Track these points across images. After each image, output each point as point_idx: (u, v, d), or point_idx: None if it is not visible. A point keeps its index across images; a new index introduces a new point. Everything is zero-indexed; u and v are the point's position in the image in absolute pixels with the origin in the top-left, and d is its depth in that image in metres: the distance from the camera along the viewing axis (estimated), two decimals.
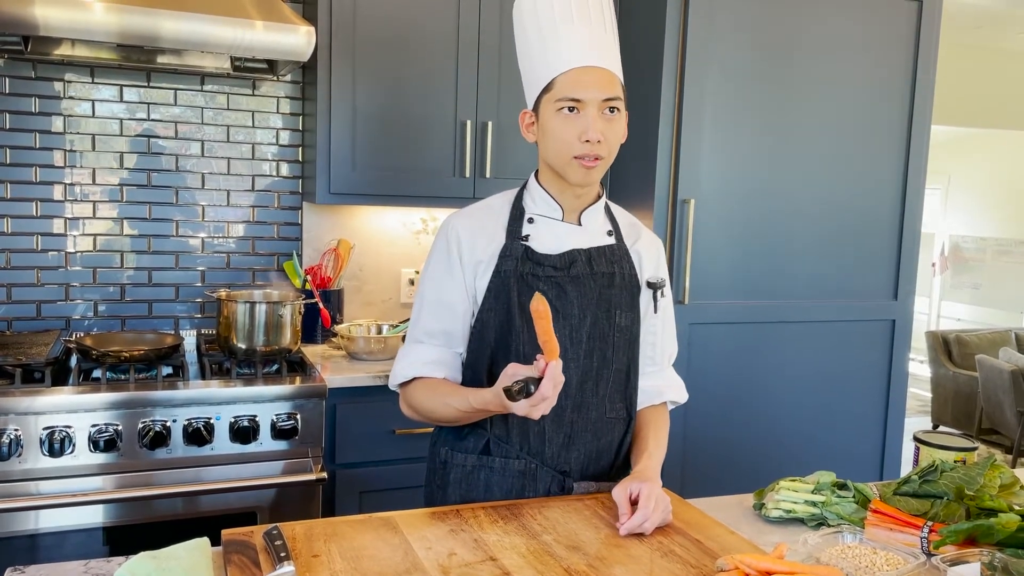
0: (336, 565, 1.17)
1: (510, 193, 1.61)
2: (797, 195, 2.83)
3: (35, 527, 2.05)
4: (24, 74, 2.58)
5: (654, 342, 1.64)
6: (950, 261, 9.22)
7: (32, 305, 2.66)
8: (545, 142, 1.50)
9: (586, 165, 1.46)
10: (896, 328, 3.01)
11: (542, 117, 1.49)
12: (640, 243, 1.62)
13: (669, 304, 1.68)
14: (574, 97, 1.43)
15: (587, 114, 1.44)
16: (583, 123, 1.43)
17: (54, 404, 2.06)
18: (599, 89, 1.44)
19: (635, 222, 1.67)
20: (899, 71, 2.91)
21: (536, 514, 1.39)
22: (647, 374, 1.64)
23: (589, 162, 1.45)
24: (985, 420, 6.10)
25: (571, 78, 1.44)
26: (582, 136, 1.43)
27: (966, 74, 6.25)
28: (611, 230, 1.59)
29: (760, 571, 1.15)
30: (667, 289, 1.66)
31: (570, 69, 1.44)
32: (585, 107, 1.44)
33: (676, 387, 1.69)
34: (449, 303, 1.53)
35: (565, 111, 1.44)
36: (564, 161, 1.47)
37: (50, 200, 2.65)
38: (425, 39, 2.66)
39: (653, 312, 1.62)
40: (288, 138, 2.88)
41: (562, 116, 1.45)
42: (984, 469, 1.39)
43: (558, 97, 1.44)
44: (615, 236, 1.59)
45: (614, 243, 1.58)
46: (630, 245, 1.61)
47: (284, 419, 2.25)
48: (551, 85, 1.46)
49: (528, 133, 1.54)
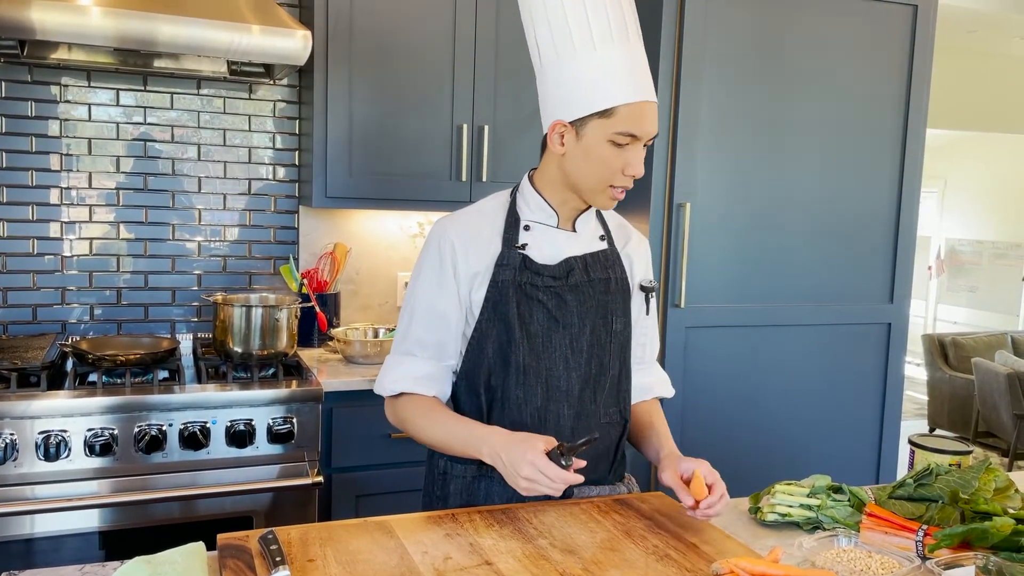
0: (331, 569, 1.17)
1: (502, 196, 1.56)
2: (793, 198, 2.84)
3: (31, 532, 2.05)
4: (20, 78, 2.58)
5: (644, 342, 1.66)
6: (946, 264, 9.25)
7: (28, 309, 2.66)
8: (584, 164, 1.44)
9: (616, 197, 1.47)
10: (892, 331, 3.02)
11: (588, 139, 1.42)
12: (630, 245, 1.62)
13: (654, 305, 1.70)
14: (635, 134, 1.40)
15: (637, 149, 1.42)
16: (632, 157, 1.42)
17: (50, 408, 2.06)
18: (654, 127, 1.43)
19: (623, 223, 1.66)
20: (894, 75, 2.92)
21: (532, 518, 1.39)
22: (638, 371, 1.65)
23: (620, 193, 1.46)
24: (981, 423, 6.11)
25: (635, 113, 1.40)
26: (627, 170, 1.42)
27: (961, 78, 6.27)
28: (603, 235, 1.58)
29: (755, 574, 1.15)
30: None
31: (635, 102, 1.40)
32: (636, 142, 1.42)
33: (663, 382, 1.72)
34: (442, 313, 1.49)
35: (617, 145, 1.41)
36: (599, 188, 1.45)
37: (46, 204, 2.65)
38: (422, 43, 2.67)
39: (646, 314, 1.63)
40: (284, 142, 2.89)
41: (613, 146, 1.41)
42: (979, 473, 1.39)
43: (619, 129, 1.40)
44: (607, 240, 1.58)
45: (606, 248, 1.57)
46: (620, 248, 1.60)
47: (280, 423, 2.25)
48: (611, 112, 1.39)
49: (558, 144, 1.45)
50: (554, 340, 1.49)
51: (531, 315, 1.48)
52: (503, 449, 1.34)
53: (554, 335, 1.49)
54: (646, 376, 1.68)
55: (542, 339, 1.49)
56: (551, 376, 1.49)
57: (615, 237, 1.61)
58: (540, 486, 1.30)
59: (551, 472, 1.29)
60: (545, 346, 1.49)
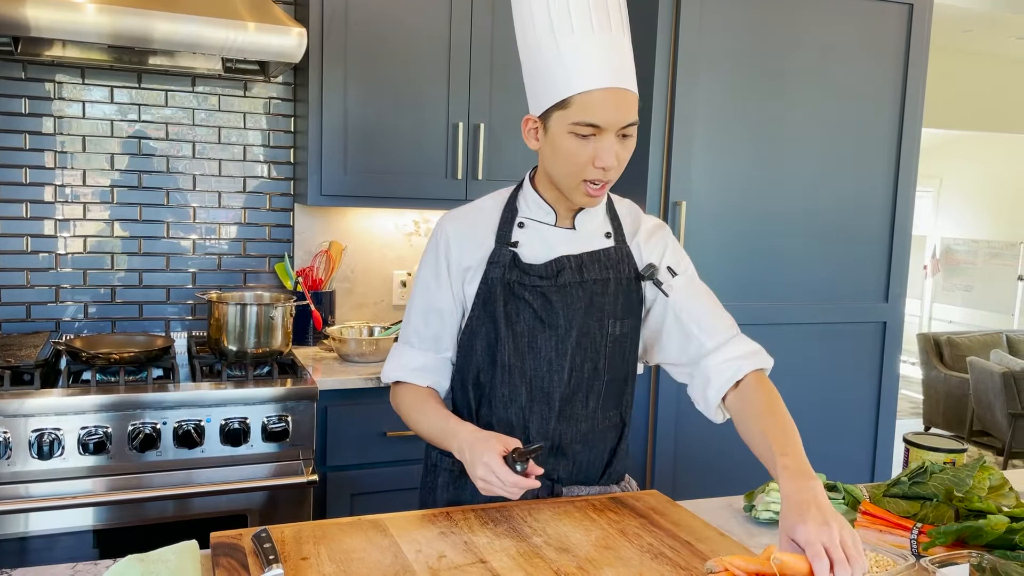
0: (325, 568, 1.17)
1: (504, 193, 1.55)
2: (788, 198, 2.84)
3: (24, 530, 2.04)
4: (14, 75, 2.57)
5: (699, 320, 1.49)
6: (941, 264, 9.26)
7: (22, 307, 2.65)
8: (553, 159, 1.40)
9: (592, 193, 1.39)
10: (887, 330, 3.02)
11: (552, 132, 1.37)
12: (639, 235, 1.54)
13: (695, 280, 1.55)
14: (593, 123, 1.33)
15: (605, 140, 1.34)
16: (599, 149, 1.34)
17: (43, 406, 2.05)
18: (621, 115, 1.33)
19: (637, 215, 1.57)
20: (890, 74, 2.92)
21: (526, 516, 1.39)
22: (710, 354, 1.47)
23: (597, 189, 1.38)
24: (976, 422, 6.12)
25: (591, 101, 1.32)
26: (597, 162, 1.34)
27: (957, 77, 6.28)
28: (609, 232, 1.52)
29: (749, 573, 1.15)
30: (686, 267, 1.55)
31: (593, 90, 1.32)
32: (603, 132, 1.33)
33: (754, 353, 1.47)
34: (437, 308, 1.51)
35: (579, 136, 1.34)
36: (572, 184, 1.39)
37: (40, 201, 2.64)
38: (417, 41, 2.66)
39: (665, 298, 1.50)
40: (279, 140, 2.88)
41: (576, 138, 1.34)
42: (973, 471, 1.40)
43: (575, 120, 1.33)
44: (614, 237, 1.51)
45: (612, 245, 1.50)
46: (629, 241, 1.53)
47: (275, 421, 2.25)
48: (567, 103, 1.33)
49: (531, 140, 1.43)
50: (539, 341, 1.47)
51: (517, 314, 1.47)
52: (467, 446, 1.36)
53: (539, 335, 1.47)
54: (726, 352, 1.46)
55: (528, 339, 1.47)
56: (535, 376, 1.48)
57: (627, 231, 1.53)
58: (494, 487, 1.30)
59: (502, 474, 1.29)
60: (531, 346, 1.47)
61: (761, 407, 1.38)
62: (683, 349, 1.51)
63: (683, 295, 1.51)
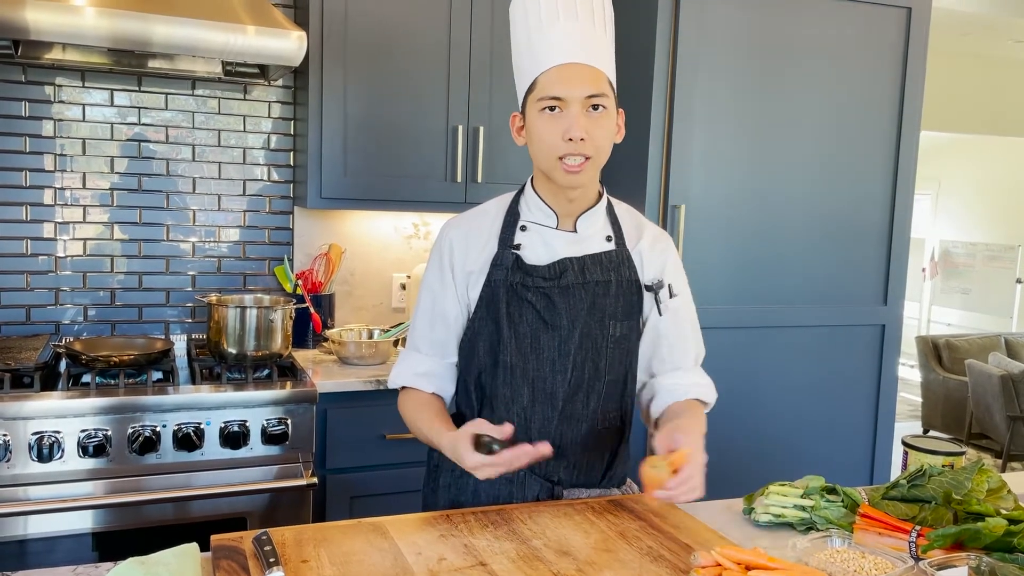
0: (325, 571, 1.17)
1: (506, 197, 1.58)
2: (787, 200, 2.84)
3: (24, 533, 2.04)
4: (14, 78, 2.58)
5: (671, 344, 1.58)
6: (940, 266, 9.27)
7: (22, 310, 2.65)
8: (532, 144, 1.47)
9: (569, 169, 1.42)
10: (886, 333, 3.02)
11: (528, 118, 1.46)
12: (642, 243, 1.56)
13: (684, 304, 1.60)
14: (555, 95, 1.40)
15: (570, 112, 1.39)
16: (566, 122, 1.39)
17: (43, 409, 2.05)
18: (582, 86, 1.40)
19: (641, 222, 1.61)
20: (888, 77, 2.93)
21: (526, 519, 1.39)
22: (666, 374, 1.59)
23: (574, 165, 1.41)
24: (975, 425, 6.13)
25: (552, 76, 1.40)
26: (565, 135, 1.39)
27: (955, 80, 6.29)
28: (610, 235, 1.54)
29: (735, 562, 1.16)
30: (682, 287, 1.59)
31: (552, 67, 1.41)
32: (568, 106, 1.40)
33: (703, 385, 1.60)
34: (443, 313, 1.53)
35: (547, 111, 1.41)
36: (550, 163, 1.43)
37: (40, 204, 2.64)
38: (416, 44, 2.67)
39: (658, 315, 1.55)
40: (279, 143, 2.88)
41: (545, 116, 1.41)
42: (972, 473, 1.40)
43: (540, 96, 1.41)
44: (615, 241, 1.54)
45: (613, 248, 1.53)
46: (632, 247, 1.55)
47: (275, 424, 2.25)
48: (534, 85, 1.43)
49: (518, 136, 1.51)
50: (542, 341, 1.48)
51: (520, 315, 1.48)
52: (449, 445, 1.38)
53: (542, 336, 1.48)
54: (678, 378, 1.59)
55: (530, 340, 1.49)
56: (538, 377, 1.49)
57: (628, 236, 1.56)
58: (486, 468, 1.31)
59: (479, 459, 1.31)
60: (533, 347, 1.49)
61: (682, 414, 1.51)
62: (648, 360, 1.60)
63: (670, 316, 1.58)
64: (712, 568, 1.17)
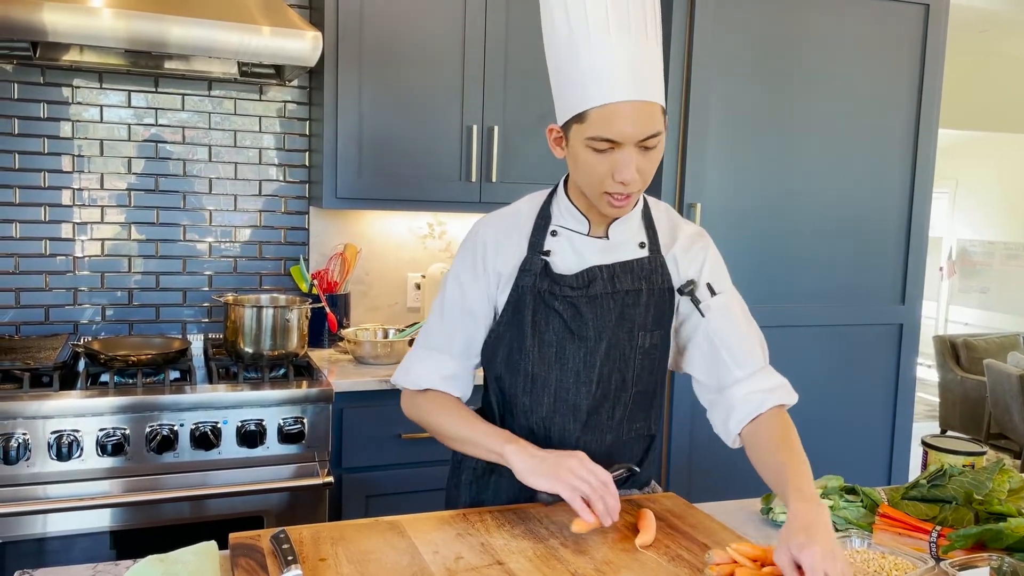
0: (343, 569, 1.17)
1: (539, 197, 1.50)
2: (804, 199, 2.83)
3: (43, 531, 2.06)
4: (33, 80, 2.60)
5: (731, 347, 1.46)
6: (958, 265, 9.20)
7: (40, 309, 2.67)
8: (575, 170, 1.37)
9: (615, 204, 1.34)
10: (904, 332, 3.00)
11: (572, 145, 1.34)
12: (676, 246, 1.48)
13: (733, 301, 1.49)
14: (609, 138, 1.27)
15: (623, 153, 1.28)
16: (617, 163, 1.29)
17: (62, 408, 2.07)
18: (638, 128, 1.27)
19: (676, 224, 1.52)
20: (906, 75, 2.91)
21: (543, 518, 1.39)
22: (738, 383, 1.45)
23: (621, 200, 1.33)
24: (993, 425, 6.07)
25: (607, 115, 1.26)
26: (616, 176, 1.29)
27: (973, 78, 6.24)
28: (644, 241, 1.46)
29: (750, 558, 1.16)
30: (725, 284, 1.49)
31: (606, 104, 1.26)
32: (622, 148, 1.28)
33: (779, 387, 1.45)
34: (472, 310, 1.47)
35: (597, 150, 1.30)
36: (594, 194, 1.35)
37: (58, 205, 2.66)
38: (431, 44, 2.67)
39: (700, 316, 1.46)
40: (294, 143, 2.89)
41: (594, 152, 1.30)
42: (993, 474, 1.39)
43: (590, 135, 1.28)
44: (649, 247, 1.46)
45: (645, 256, 1.46)
46: (666, 252, 1.48)
47: (291, 423, 2.25)
48: (583, 116, 1.29)
49: (556, 148, 1.40)
50: (568, 351, 1.44)
51: (547, 324, 1.44)
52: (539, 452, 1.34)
53: (568, 346, 1.44)
54: (751, 384, 1.44)
55: (556, 349, 1.44)
56: (560, 388, 1.45)
57: (663, 241, 1.48)
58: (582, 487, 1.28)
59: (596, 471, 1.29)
60: (558, 357, 1.44)
61: (777, 440, 1.38)
62: (710, 371, 1.48)
63: (718, 316, 1.47)
64: (727, 565, 1.17)
